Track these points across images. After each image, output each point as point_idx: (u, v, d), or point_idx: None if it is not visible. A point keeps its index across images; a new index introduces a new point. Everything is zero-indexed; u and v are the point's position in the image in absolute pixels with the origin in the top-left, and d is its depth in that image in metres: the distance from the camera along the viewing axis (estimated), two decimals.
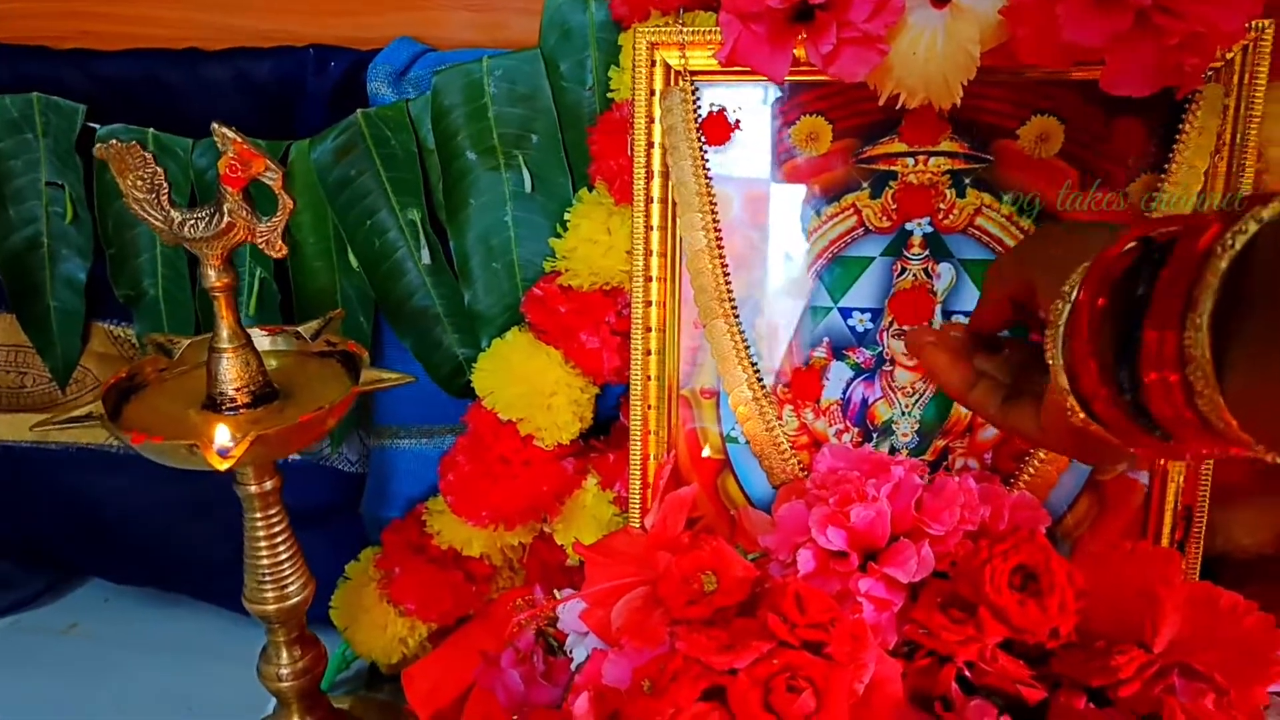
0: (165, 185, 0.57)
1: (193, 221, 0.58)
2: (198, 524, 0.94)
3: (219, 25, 0.81)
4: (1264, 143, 0.59)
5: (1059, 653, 0.58)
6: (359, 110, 0.75)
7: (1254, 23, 0.57)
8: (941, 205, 0.65)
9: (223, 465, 0.54)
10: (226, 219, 0.57)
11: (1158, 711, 0.52)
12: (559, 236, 0.72)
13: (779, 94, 0.65)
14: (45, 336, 0.87)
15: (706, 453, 0.71)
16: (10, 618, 1.00)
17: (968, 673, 0.58)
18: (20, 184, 0.82)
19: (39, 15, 0.83)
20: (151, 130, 0.78)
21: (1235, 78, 0.58)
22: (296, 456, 0.90)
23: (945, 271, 0.66)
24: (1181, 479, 0.64)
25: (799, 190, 0.67)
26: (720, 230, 0.67)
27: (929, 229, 0.66)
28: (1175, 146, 0.60)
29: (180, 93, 0.79)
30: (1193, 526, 0.64)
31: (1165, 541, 0.65)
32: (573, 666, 0.68)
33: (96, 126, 0.79)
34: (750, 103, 0.66)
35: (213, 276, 0.59)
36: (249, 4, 0.81)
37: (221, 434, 0.55)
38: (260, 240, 0.58)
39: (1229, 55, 0.58)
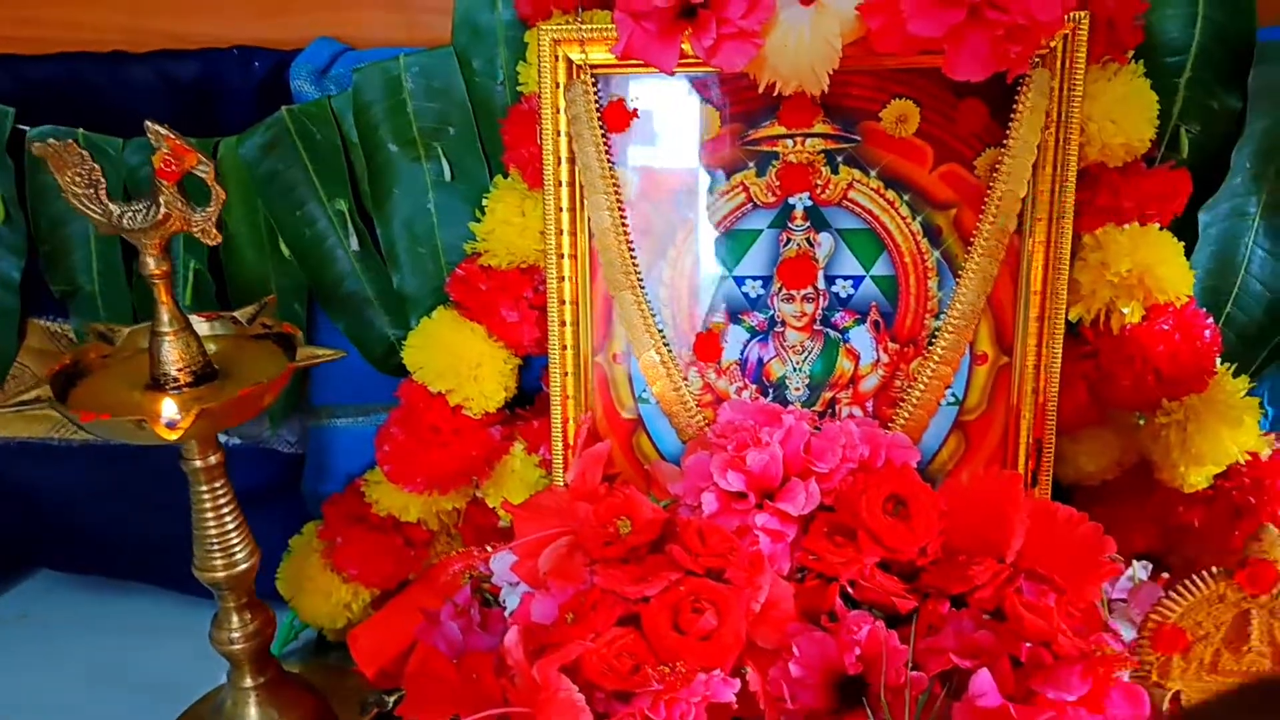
0: (102, 180, 0.62)
1: (130, 214, 0.62)
2: (137, 510, 0.98)
3: (141, 29, 0.85)
4: (1085, 119, 0.68)
5: (927, 569, 0.66)
6: (284, 107, 0.80)
7: (1072, 14, 0.65)
8: (818, 181, 0.73)
9: (171, 436, 0.59)
10: (163, 210, 0.62)
11: (1001, 607, 0.61)
12: (478, 221, 0.78)
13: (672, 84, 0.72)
14: None
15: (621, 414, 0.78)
16: None
17: (850, 590, 0.66)
18: None
19: None
20: (81, 130, 0.82)
21: (1059, 63, 0.67)
22: (238, 440, 0.94)
23: (825, 240, 0.74)
24: (1032, 416, 0.73)
25: (693, 171, 0.74)
26: (624, 209, 0.74)
27: (809, 203, 0.74)
28: (1011, 124, 0.69)
29: (107, 94, 0.83)
30: (1043, 458, 0.73)
31: (1020, 470, 0.74)
32: (506, 614, 0.75)
33: (26, 129, 0.82)
34: (646, 93, 0.73)
35: (151, 265, 0.64)
36: (170, 7, 0.85)
37: (168, 407, 0.60)
38: (196, 229, 0.63)
39: (1052, 44, 0.66)
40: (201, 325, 0.73)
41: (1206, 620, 0.62)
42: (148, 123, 0.60)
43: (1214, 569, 0.61)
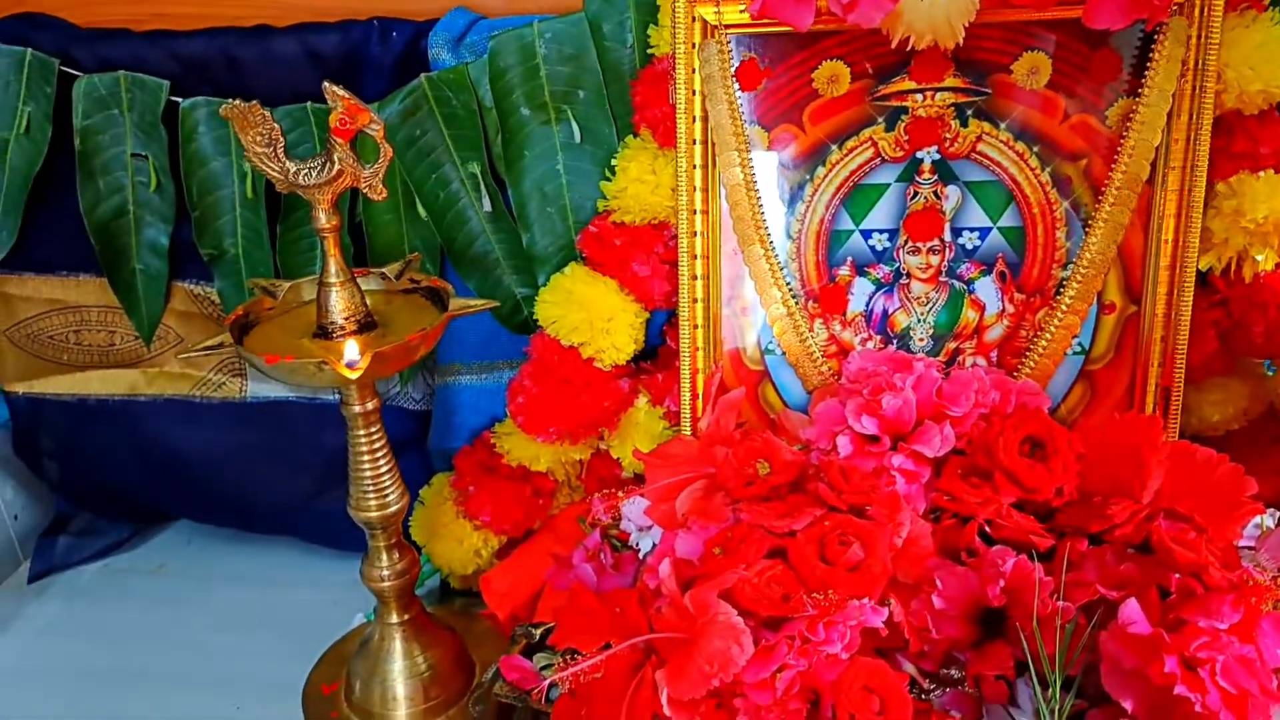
0: (281, 140, 0.66)
1: (306, 170, 0.66)
2: (272, 466, 1.03)
3: (284, 4, 0.89)
4: (1222, 66, 0.69)
5: (1063, 509, 0.68)
6: (422, 74, 0.83)
7: None
8: (947, 135, 0.75)
9: (352, 376, 0.63)
10: (337, 166, 0.66)
11: (1147, 540, 0.62)
12: (607, 180, 0.81)
13: (804, 41, 0.74)
14: (132, 297, 0.95)
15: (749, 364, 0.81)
16: (101, 561, 1.09)
17: (988, 529, 0.68)
18: (108, 157, 0.90)
19: (117, 1, 0.90)
20: (235, 100, 0.86)
21: (1197, 10, 0.67)
22: None
23: (952, 193, 0.76)
24: (1160, 364, 0.74)
25: (822, 127, 0.76)
26: (754, 166, 0.77)
27: (937, 156, 0.75)
28: (1147, 73, 0.70)
29: (253, 67, 0.88)
30: (1170, 405, 0.75)
31: None
32: (640, 556, 0.78)
33: (179, 100, 0.87)
34: (778, 51, 0.75)
35: (323, 219, 0.68)
36: None
37: (351, 349, 0.64)
38: (365, 184, 0.67)
39: None
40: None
41: None
42: (325, 84, 0.64)
43: None
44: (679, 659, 0.61)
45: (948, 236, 0.77)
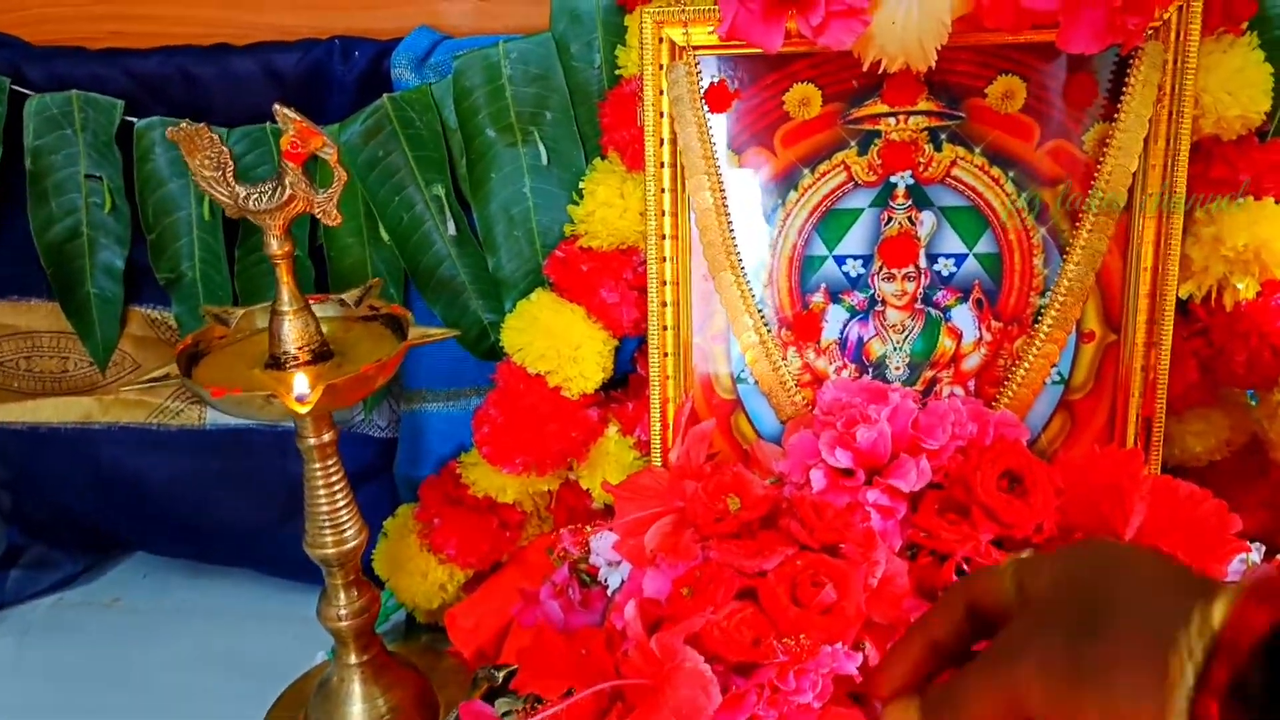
0: (230, 163, 0.63)
1: (256, 195, 0.64)
2: (232, 496, 1.00)
3: (243, 22, 0.87)
4: (1199, 91, 0.67)
5: (1042, 546, 0.66)
6: (385, 95, 0.81)
7: None
8: (921, 159, 0.73)
9: (302, 410, 0.60)
10: (288, 191, 0.63)
11: None
12: (574, 204, 0.79)
13: (774, 63, 0.73)
14: (86, 322, 0.92)
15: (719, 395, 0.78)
16: (54, 595, 1.05)
17: (965, 566, 0.66)
18: (60, 177, 0.87)
19: (72, 19, 0.88)
20: (186, 121, 0.84)
21: (1172, 35, 0.66)
22: None
23: (927, 219, 0.74)
24: (1141, 394, 0.73)
25: (794, 150, 0.74)
26: (725, 190, 0.75)
27: (911, 181, 0.74)
28: (1123, 98, 0.68)
29: (211, 86, 0.85)
30: (1152, 435, 0.73)
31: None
32: (609, 593, 0.75)
33: (134, 120, 0.85)
34: (748, 72, 0.73)
35: (275, 245, 0.65)
36: (271, 2, 0.87)
37: (300, 382, 0.61)
38: (318, 209, 0.64)
39: (1166, 15, 0.66)
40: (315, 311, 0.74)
41: None
42: (276, 105, 0.62)
43: None
44: (645, 707, 0.58)
45: (923, 263, 0.75)
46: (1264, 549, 0.69)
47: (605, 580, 0.76)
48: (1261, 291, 0.69)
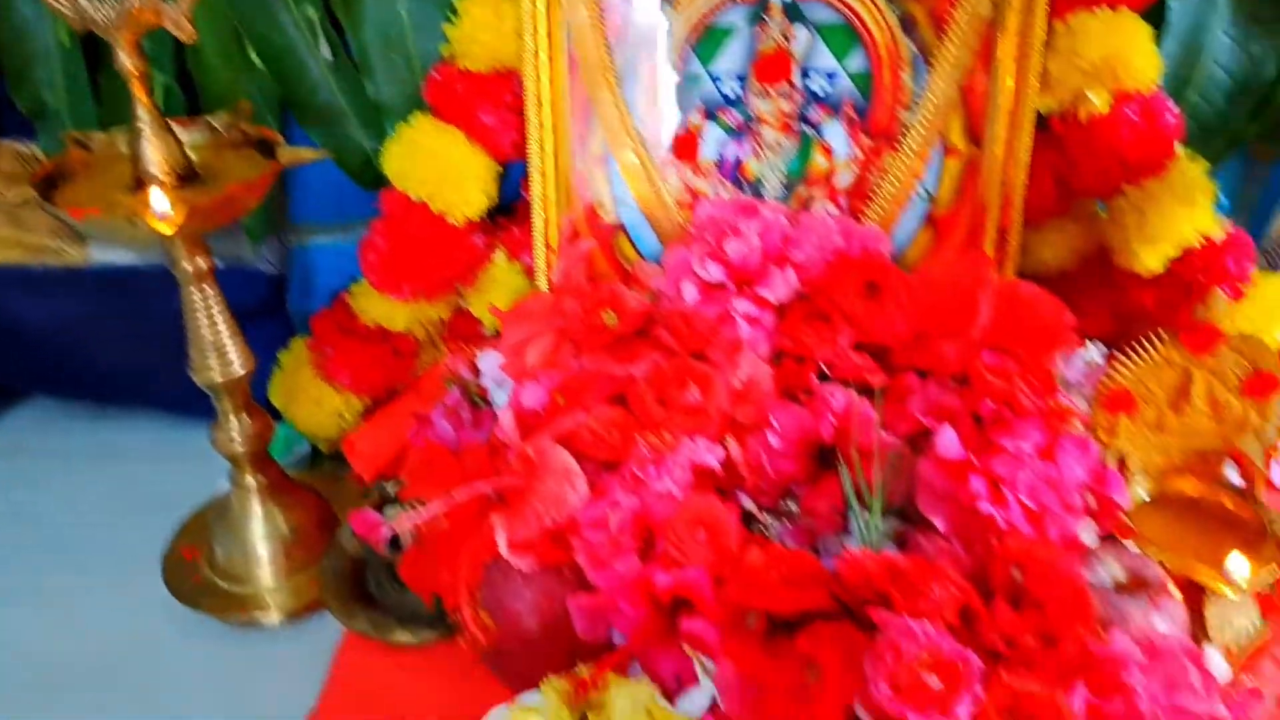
0: None
1: (97, 4, 0.61)
2: (123, 337, 0.99)
3: None
4: None
5: (898, 350, 0.70)
6: None
7: None
8: None
9: (166, 229, 0.60)
10: (135, 3, 0.61)
11: (966, 373, 0.65)
12: (451, 24, 0.77)
13: None
14: None
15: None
16: None
17: (826, 370, 0.70)
18: None
19: None
20: None
21: None
22: (220, 262, 0.95)
23: (801, 34, 0.74)
24: (999, 207, 0.76)
25: None
26: (601, 8, 0.74)
27: None
28: None
29: None
30: (1008, 246, 0.76)
31: None
32: (496, 411, 0.78)
33: None
34: None
35: (126, 61, 0.63)
36: None
37: (157, 197, 0.60)
38: (169, 22, 0.62)
39: None
40: (179, 133, 0.72)
41: (1152, 383, 0.67)
42: None
43: (1162, 333, 0.66)
44: (516, 503, 0.62)
45: (797, 80, 0.76)
46: (1105, 349, 0.75)
47: (493, 400, 0.79)
48: (1113, 104, 0.72)
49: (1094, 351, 0.75)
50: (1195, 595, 0.63)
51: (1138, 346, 0.66)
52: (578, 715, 0.53)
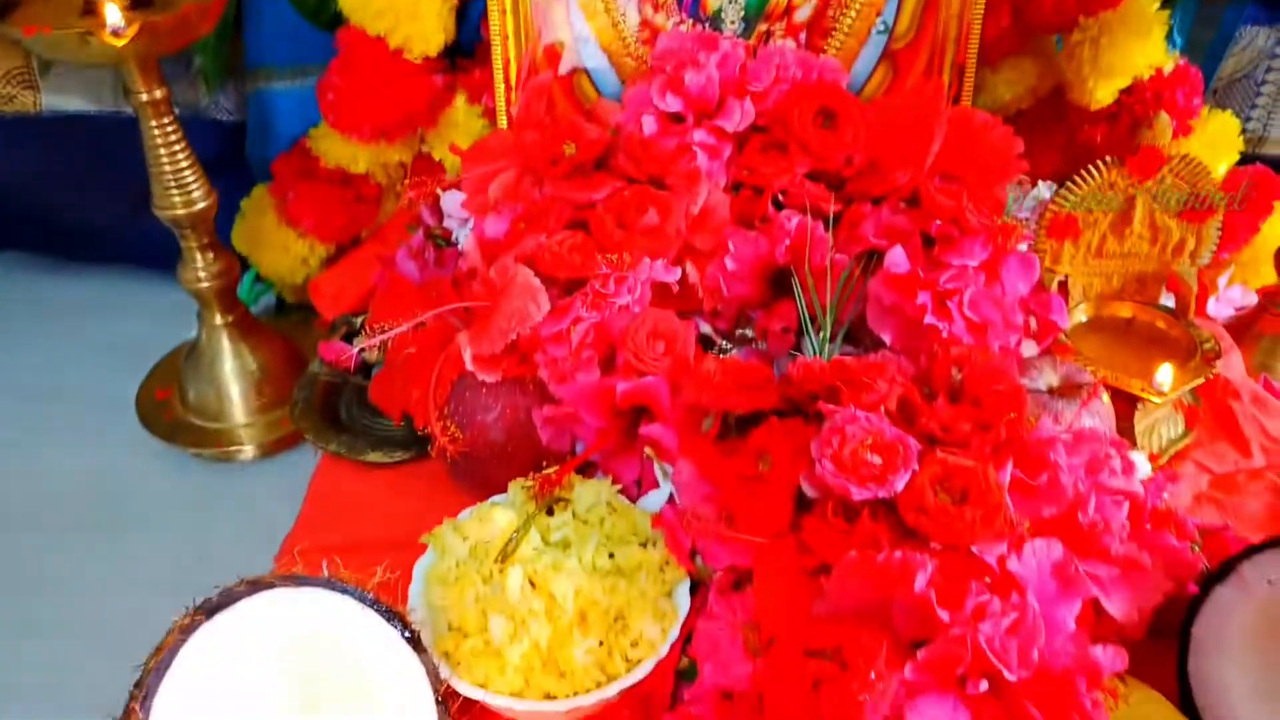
0: None
1: None
2: (83, 188, 0.99)
3: None
4: None
5: (853, 178, 0.72)
6: None
7: None
8: None
9: (118, 43, 0.59)
10: None
11: (916, 195, 0.67)
12: None
13: None
14: None
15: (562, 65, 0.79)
16: None
17: (781, 199, 0.71)
18: None
19: None
20: None
21: None
22: (177, 110, 0.94)
23: None
24: (956, 41, 0.76)
25: None
26: None
27: None
28: None
29: None
30: (963, 82, 0.77)
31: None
32: (460, 249, 0.79)
33: None
34: None
35: None
36: None
37: (112, 12, 0.59)
38: None
39: None
40: None
41: (1096, 208, 0.69)
42: None
43: (1107, 158, 0.68)
44: (482, 321, 0.64)
45: None
46: (1054, 186, 0.77)
47: (457, 241, 0.80)
48: None
49: (1044, 190, 0.77)
50: (1127, 408, 0.67)
51: (1085, 171, 0.68)
52: (543, 508, 0.56)
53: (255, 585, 0.45)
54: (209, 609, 0.43)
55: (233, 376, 0.82)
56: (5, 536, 0.76)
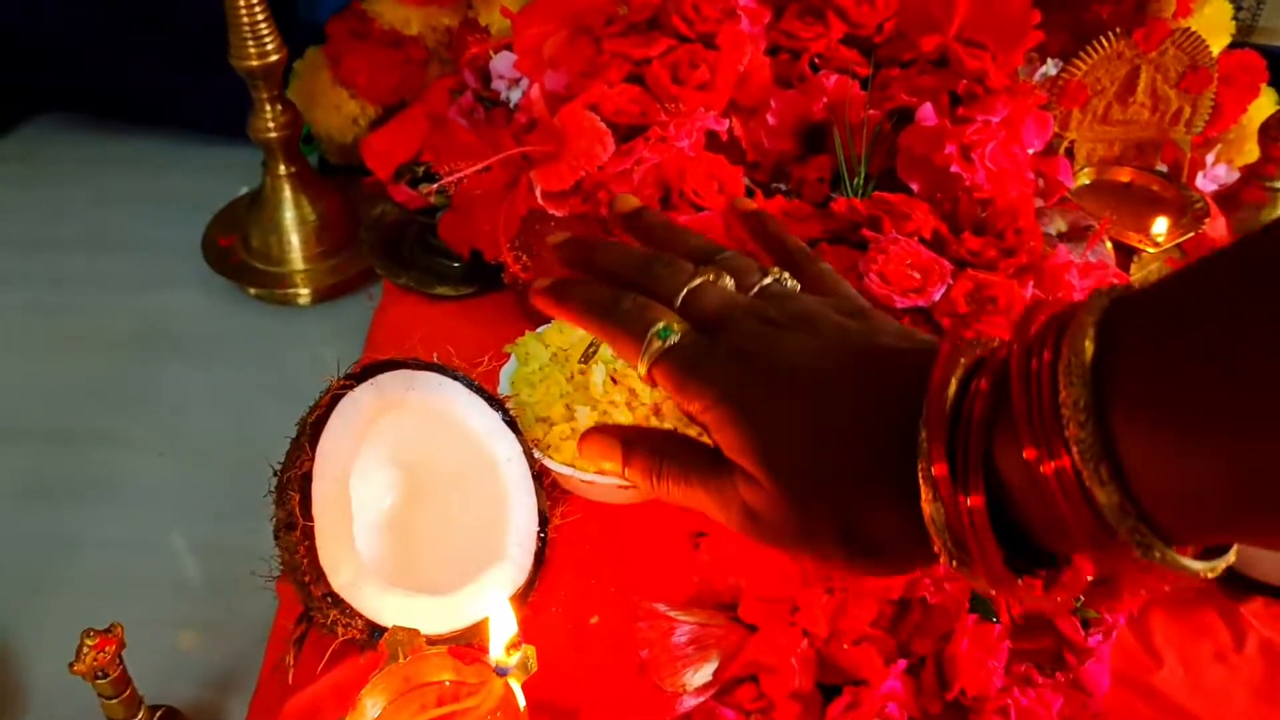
0: None
1: None
2: (132, 49, 1.02)
3: None
4: None
5: (884, 44, 0.78)
6: None
7: None
8: None
9: None
10: None
11: (944, 56, 0.73)
12: None
13: None
14: None
15: None
16: None
17: (818, 62, 0.77)
18: None
19: None
20: None
21: None
22: None
23: None
24: None
25: None
26: None
27: None
28: None
29: None
30: None
31: None
32: (511, 108, 0.85)
33: None
34: None
35: None
36: None
37: None
38: None
39: None
40: None
41: (1104, 76, 0.76)
42: None
43: (1116, 30, 0.74)
44: (550, 161, 0.70)
45: None
46: (1061, 63, 0.83)
47: (507, 99, 0.85)
48: None
49: (1051, 67, 0.83)
50: (1124, 260, 0.75)
51: (1095, 42, 0.75)
52: None
53: (386, 365, 0.52)
54: (356, 377, 0.50)
55: (293, 225, 0.87)
56: (90, 359, 0.82)
